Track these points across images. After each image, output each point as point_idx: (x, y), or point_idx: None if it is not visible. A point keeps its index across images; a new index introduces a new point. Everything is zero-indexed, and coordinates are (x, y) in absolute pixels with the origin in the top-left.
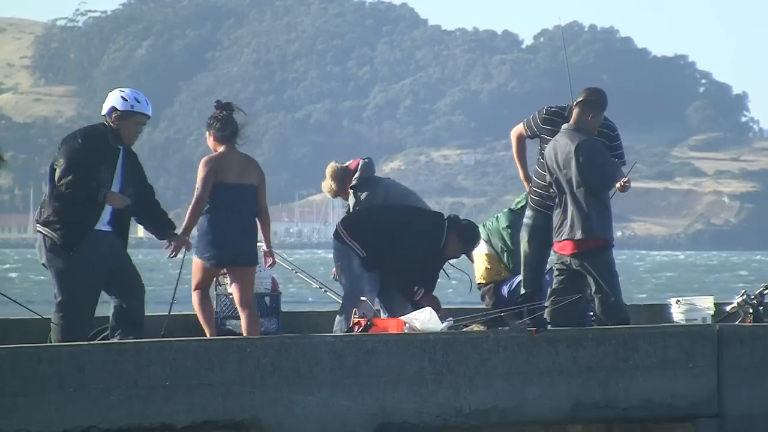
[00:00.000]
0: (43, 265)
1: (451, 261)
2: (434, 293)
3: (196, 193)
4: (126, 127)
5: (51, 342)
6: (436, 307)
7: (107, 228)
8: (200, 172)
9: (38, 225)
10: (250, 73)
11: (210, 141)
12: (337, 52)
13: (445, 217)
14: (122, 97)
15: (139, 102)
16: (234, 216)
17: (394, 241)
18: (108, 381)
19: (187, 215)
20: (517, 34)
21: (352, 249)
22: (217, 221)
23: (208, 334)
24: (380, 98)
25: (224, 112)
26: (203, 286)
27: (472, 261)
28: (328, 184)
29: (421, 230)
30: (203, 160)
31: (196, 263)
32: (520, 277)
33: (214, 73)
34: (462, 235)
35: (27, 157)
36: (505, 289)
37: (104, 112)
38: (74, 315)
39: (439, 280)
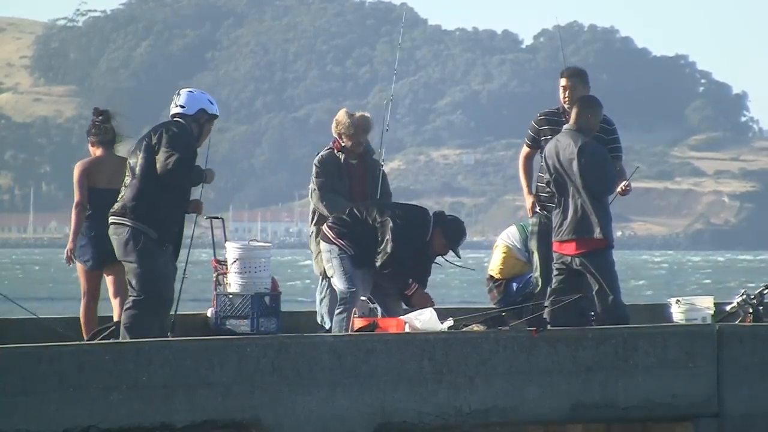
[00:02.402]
0: (127, 261)
1: (456, 262)
2: (428, 291)
3: (75, 198)
4: (207, 131)
5: (119, 338)
6: (428, 303)
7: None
8: (74, 177)
9: (125, 219)
10: (250, 73)
11: (89, 147)
12: (337, 52)
13: (432, 213)
14: (209, 101)
15: (214, 105)
16: (105, 220)
17: (382, 235)
18: (108, 381)
19: (72, 220)
20: (517, 33)
21: (340, 248)
22: (91, 225)
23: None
24: (380, 98)
25: (101, 118)
26: (88, 290)
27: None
28: (348, 127)
29: (407, 224)
30: (77, 165)
31: (81, 270)
32: (531, 274)
33: (214, 73)
34: (445, 232)
35: (27, 157)
36: (514, 285)
37: (191, 112)
38: (154, 311)
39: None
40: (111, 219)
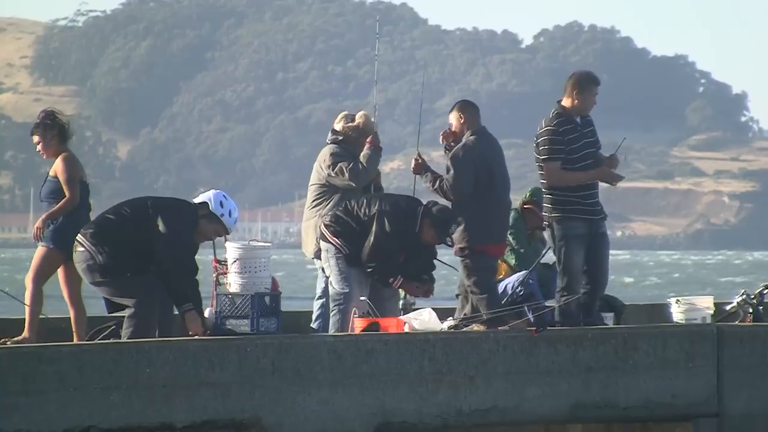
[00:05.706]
0: (97, 283)
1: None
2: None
3: (71, 192)
4: (204, 228)
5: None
6: (419, 293)
7: None
8: (70, 171)
9: (93, 244)
10: (250, 73)
11: (51, 145)
12: (337, 52)
13: (421, 204)
14: (220, 203)
15: (230, 217)
16: (87, 211)
17: (371, 228)
18: (108, 381)
19: (59, 209)
20: (517, 33)
21: (336, 248)
22: (80, 216)
23: (27, 330)
24: (380, 98)
25: (57, 118)
26: (45, 279)
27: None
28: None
29: (395, 215)
30: (67, 158)
31: (49, 254)
32: (510, 279)
33: (214, 73)
34: (433, 221)
35: (27, 157)
36: (499, 287)
37: (197, 200)
38: (152, 313)
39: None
40: (80, 240)
